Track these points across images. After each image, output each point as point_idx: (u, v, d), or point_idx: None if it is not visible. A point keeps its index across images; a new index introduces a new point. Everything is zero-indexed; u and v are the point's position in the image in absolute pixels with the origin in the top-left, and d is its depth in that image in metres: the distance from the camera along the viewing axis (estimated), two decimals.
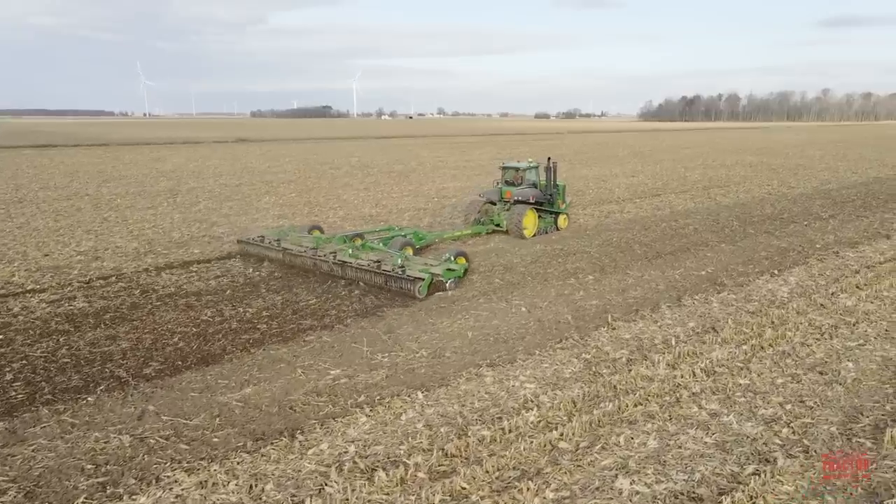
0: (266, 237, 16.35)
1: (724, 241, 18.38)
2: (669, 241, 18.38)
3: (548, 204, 19.76)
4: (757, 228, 20.43)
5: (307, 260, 14.73)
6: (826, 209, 24.46)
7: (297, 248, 15.20)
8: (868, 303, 12.22)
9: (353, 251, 14.40)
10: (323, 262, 14.33)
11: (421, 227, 19.93)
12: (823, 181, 34.51)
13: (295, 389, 8.57)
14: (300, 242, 15.56)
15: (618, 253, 16.89)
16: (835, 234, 19.29)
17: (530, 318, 11.48)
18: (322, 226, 18.77)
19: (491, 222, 19.61)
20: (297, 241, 15.73)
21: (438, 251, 16.62)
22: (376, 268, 13.27)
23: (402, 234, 16.85)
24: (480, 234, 19.18)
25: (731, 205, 25.84)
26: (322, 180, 34.30)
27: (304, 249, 15.05)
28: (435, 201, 26.89)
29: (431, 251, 17.07)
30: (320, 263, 14.42)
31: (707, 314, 11.68)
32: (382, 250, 14.69)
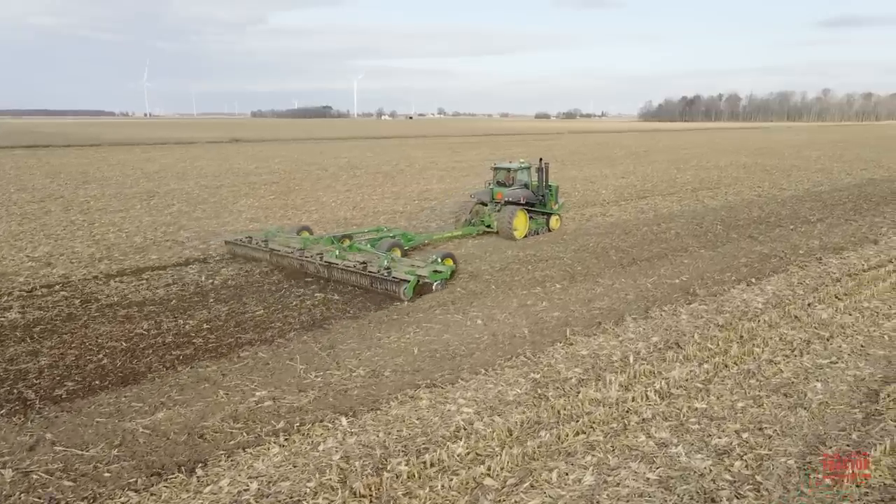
0: (254, 238, 16.12)
1: (704, 247, 17.64)
2: (648, 247, 17.64)
3: (539, 205, 19.49)
4: (741, 233, 19.69)
5: (294, 261, 14.56)
6: (815, 212, 23.71)
7: (285, 249, 14.98)
8: (846, 315, 11.49)
9: (340, 252, 14.14)
10: (309, 263, 14.17)
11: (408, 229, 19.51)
12: (816, 183, 33.74)
13: (212, 414, 7.86)
14: (288, 243, 15.32)
15: (592, 259, 16.17)
16: (820, 239, 18.54)
17: (485, 332, 10.77)
18: (311, 226, 18.35)
19: (482, 223, 19.33)
20: (285, 241, 15.49)
21: (430, 253, 15.89)
22: (362, 269, 13.08)
23: (391, 236, 16.61)
24: (471, 236, 18.92)
25: (717, 207, 25.10)
26: (305, 182, 33.61)
27: (291, 250, 14.84)
28: (415, 204, 26.18)
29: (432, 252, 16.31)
30: (307, 264, 14.25)
31: (673, 327, 10.95)
32: (370, 251, 14.51)
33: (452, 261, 14.28)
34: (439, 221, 22.00)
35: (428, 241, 17.93)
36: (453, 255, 14.73)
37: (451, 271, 13.81)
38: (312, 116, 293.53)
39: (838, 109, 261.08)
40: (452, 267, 14.04)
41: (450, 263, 14.02)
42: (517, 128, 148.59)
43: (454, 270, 14.10)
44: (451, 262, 14.14)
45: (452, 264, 14.15)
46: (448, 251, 15.51)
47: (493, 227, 19.00)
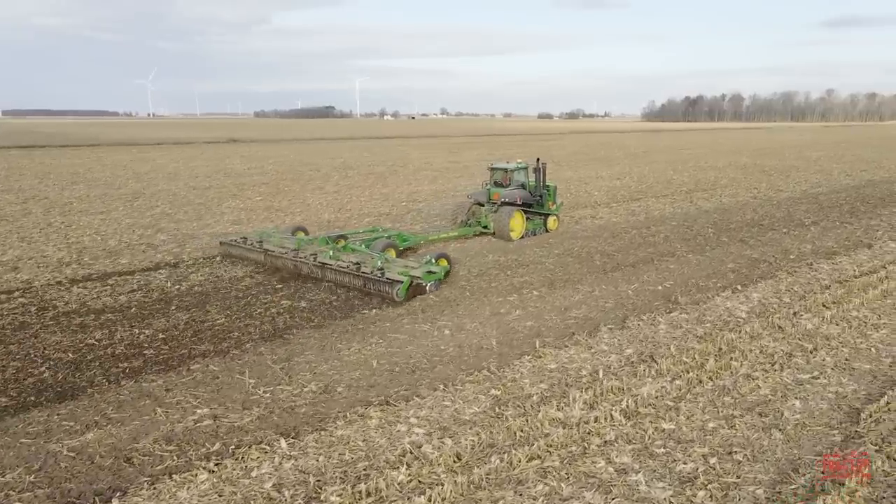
0: (248, 238, 16.05)
1: (693, 251, 17.09)
2: (635, 251, 17.09)
3: (537, 205, 19.29)
4: (732, 236, 19.11)
5: (288, 261, 14.47)
6: (810, 215, 23.11)
7: (279, 250, 14.90)
8: (832, 325, 10.93)
9: (333, 253, 14.07)
10: (303, 263, 14.07)
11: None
12: (814, 184, 33.12)
13: (146, 434, 7.35)
14: (282, 244, 15.25)
15: (575, 264, 15.62)
16: (813, 244, 17.97)
17: (451, 344, 10.24)
18: (305, 227, 18.27)
19: (478, 224, 19.24)
20: (280, 242, 15.41)
21: (424, 254, 15.40)
22: (356, 270, 13.02)
23: (386, 236, 16.52)
24: (467, 236, 18.85)
25: (711, 210, 24.52)
26: (296, 183, 33.11)
27: (285, 251, 14.76)
28: (402, 206, 25.66)
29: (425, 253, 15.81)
30: (301, 265, 14.16)
31: (650, 338, 10.40)
32: (364, 252, 14.45)
33: (447, 261, 14.18)
34: (424, 224, 21.49)
35: (424, 241, 17.71)
36: (448, 255, 14.61)
37: (445, 272, 13.65)
38: (315, 117, 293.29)
39: (842, 110, 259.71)
40: (447, 268, 13.91)
41: (444, 264, 13.92)
42: (519, 128, 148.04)
43: (448, 271, 13.97)
44: (445, 262, 14.04)
45: (447, 265, 14.03)
46: (442, 252, 15.41)
47: (489, 227, 18.80)
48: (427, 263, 13.45)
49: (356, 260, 13.54)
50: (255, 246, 15.39)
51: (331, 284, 13.55)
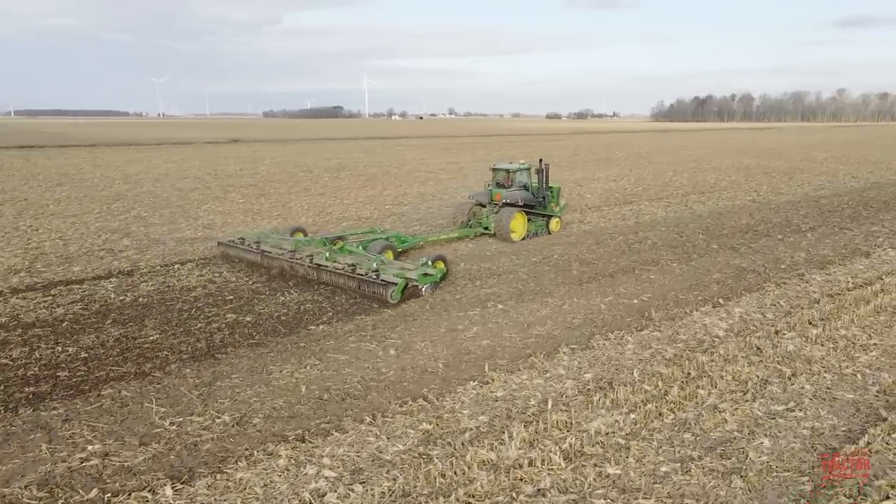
0: (246, 239, 15.85)
1: (678, 259, 16.09)
2: (616, 259, 16.11)
3: (540, 207, 19.07)
4: (723, 243, 18.09)
5: (284, 263, 14.33)
6: (809, 220, 22.03)
7: (276, 251, 14.76)
8: (817, 346, 9.93)
9: (330, 254, 13.89)
10: (299, 265, 13.91)
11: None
12: (817, 187, 31.95)
13: (21, 476, 6.50)
14: (280, 245, 15.12)
15: (550, 274, 14.67)
16: (808, 252, 16.92)
17: (393, 366, 9.32)
18: (305, 228, 18.09)
19: (479, 225, 19.03)
20: (278, 243, 15.31)
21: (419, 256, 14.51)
22: (351, 272, 12.86)
23: (384, 237, 16.33)
24: (468, 238, 18.65)
25: (705, 214, 23.47)
26: (283, 185, 32.29)
27: (282, 252, 14.59)
28: (385, 209, 24.77)
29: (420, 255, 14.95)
30: (297, 266, 13.99)
31: (613, 361, 9.45)
32: (360, 254, 14.24)
33: (444, 263, 14.17)
34: (403, 228, 20.56)
35: (423, 243, 17.49)
36: (444, 257, 14.61)
37: (441, 274, 13.48)
38: (323, 117, 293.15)
39: (853, 110, 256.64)
40: (443, 270, 13.81)
41: (441, 266, 13.87)
42: (525, 128, 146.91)
43: (445, 273, 13.85)
44: (441, 264, 13.99)
45: (443, 267, 14.00)
46: (439, 253, 15.13)
47: (490, 229, 18.56)
48: (423, 265, 13.22)
49: (352, 261, 13.27)
50: (251, 247, 15.19)
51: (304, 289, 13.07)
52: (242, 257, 15.52)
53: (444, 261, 14.33)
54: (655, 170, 41.42)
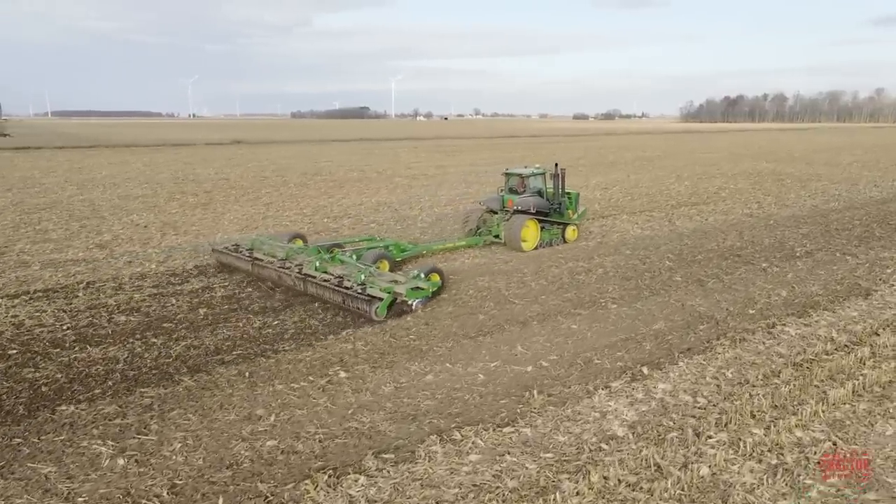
0: (240, 246, 15.01)
1: (623, 299, 12.77)
2: (545, 297, 12.86)
3: (555, 214, 17.94)
4: (690, 274, 14.67)
5: (272, 272, 13.36)
6: (807, 241, 18.40)
7: (268, 259, 13.81)
8: (749, 463, 6.61)
9: (320, 264, 12.90)
10: (287, 274, 12.91)
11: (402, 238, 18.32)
12: (831, 197, 28.03)
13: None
14: (273, 252, 14.16)
15: (445, 321, 11.48)
16: (792, 288, 13.43)
17: (277, 435, 6.25)
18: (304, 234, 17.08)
19: (489, 233, 17.89)
20: (271, 250, 14.32)
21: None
22: (337, 284, 11.80)
23: (382, 246, 15.41)
24: (477, 246, 17.43)
25: (686, 232, 19.95)
26: (237, 192, 29.58)
27: (273, 260, 13.63)
28: (324, 223, 21.77)
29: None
30: (284, 276, 13.01)
31: (420, 498, 6.22)
32: (353, 264, 13.03)
33: (440, 276, 12.96)
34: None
35: (426, 251, 16.46)
36: (441, 269, 13.37)
37: (435, 288, 12.45)
38: (350, 117, 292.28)
39: (892, 110, 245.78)
40: (438, 283, 12.70)
41: (436, 279, 12.75)
42: (545, 129, 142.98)
43: (440, 287, 12.72)
44: (437, 277, 12.86)
45: (439, 280, 12.82)
46: (435, 265, 13.97)
47: (501, 237, 17.38)
48: (415, 278, 12.15)
49: (342, 273, 12.28)
50: (244, 254, 14.32)
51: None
52: (235, 265, 14.63)
53: (440, 273, 13.02)
54: (657, 176, 37.75)
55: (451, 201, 26.75)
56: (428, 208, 24.80)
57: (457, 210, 24.42)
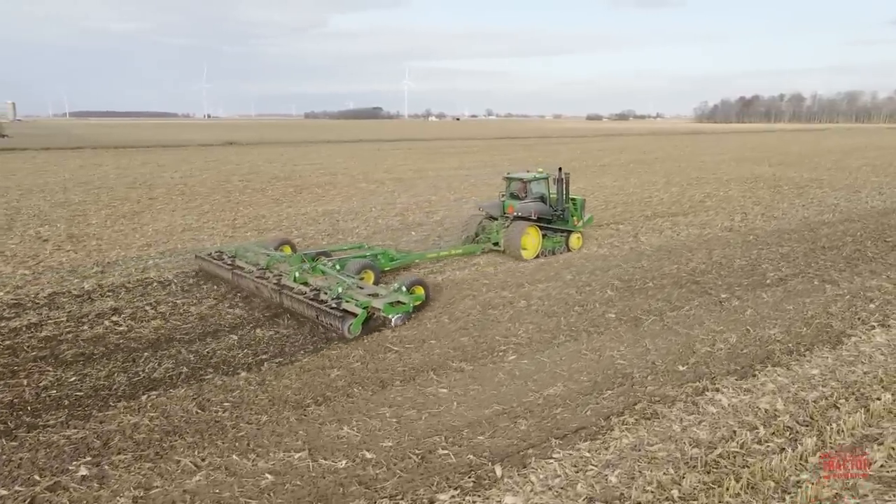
0: (224, 253, 14.09)
1: (533, 343, 10.30)
2: (438, 341, 10.38)
3: (559, 221, 16.87)
4: (628, 308, 12.07)
5: (251, 282, 12.40)
6: (785, 263, 15.67)
7: (248, 268, 12.90)
8: None
9: (300, 275, 12.18)
10: (264, 285, 11.94)
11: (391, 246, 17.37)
12: (827, 207, 25.09)
13: None
14: (256, 261, 13.24)
15: (250, 413, 8.93)
16: (746, 331, 10.77)
17: None
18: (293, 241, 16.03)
19: (488, 240, 16.81)
20: (254, 259, 13.43)
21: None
22: (314, 297, 10.91)
23: (371, 254, 14.41)
24: (475, 254, 16.48)
25: (649, 251, 17.27)
26: (193, 197, 27.22)
27: (252, 270, 12.71)
28: (246, 236, 19.29)
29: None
30: (262, 287, 12.05)
31: None
32: (333, 275, 12.19)
33: (423, 289, 12.03)
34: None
35: (419, 260, 15.43)
36: (425, 281, 12.41)
37: (417, 302, 11.53)
38: (363, 118, 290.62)
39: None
40: (420, 297, 11.82)
41: (419, 293, 11.87)
42: (555, 129, 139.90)
43: (423, 301, 11.83)
44: (421, 290, 11.96)
45: (422, 293, 11.91)
46: (419, 277, 13.06)
47: (500, 244, 16.35)
48: (396, 292, 11.26)
49: (321, 285, 11.48)
50: (226, 262, 13.39)
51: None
52: (217, 274, 13.67)
53: (424, 286, 12.09)
54: (646, 181, 34.94)
55: (405, 209, 24.30)
56: (373, 219, 22.34)
57: (405, 221, 21.95)
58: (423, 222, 21.81)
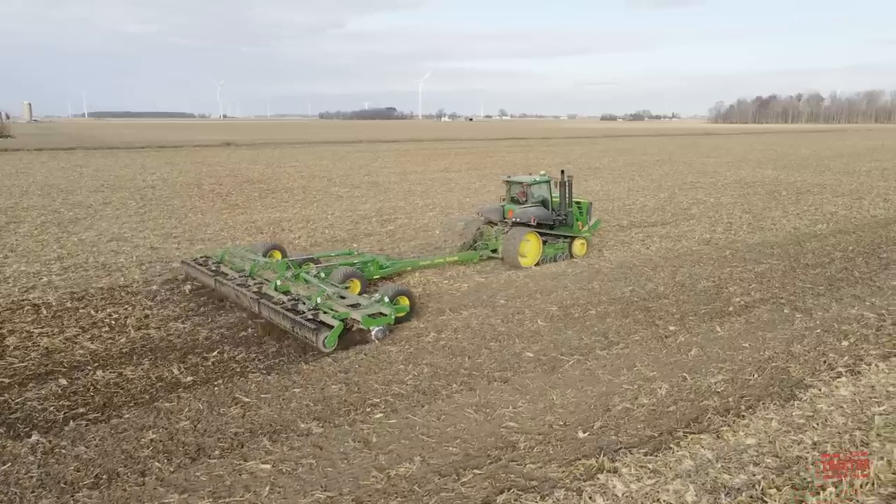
0: (210, 259, 13.60)
1: (409, 397, 8.35)
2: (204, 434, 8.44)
3: (562, 226, 16.07)
4: (551, 345, 10.23)
5: (230, 291, 11.73)
6: (757, 285, 13.70)
7: (232, 274, 12.37)
8: None
9: (281, 283, 11.50)
10: (243, 294, 11.25)
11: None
12: (822, 216, 22.90)
13: None
14: (242, 267, 12.71)
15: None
16: (682, 379, 8.84)
17: None
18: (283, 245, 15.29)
19: (486, 247, 16.02)
20: (240, 265, 12.88)
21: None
22: (292, 307, 10.27)
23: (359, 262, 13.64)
24: (473, 262, 15.64)
25: (606, 269, 15.33)
26: (146, 202, 25.65)
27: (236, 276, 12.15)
28: (176, 253, 17.58)
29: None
30: (242, 296, 11.35)
31: None
32: (315, 283, 11.57)
33: (409, 299, 11.36)
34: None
35: (412, 268, 14.58)
36: (410, 292, 11.70)
37: (403, 313, 10.93)
38: (377, 118, 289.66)
39: None
40: (404, 308, 11.11)
41: (404, 303, 11.21)
42: (565, 130, 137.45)
43: (407, 312, 11.11)
44: (405, 300, 11.28)
45: (406, 304, 11.23)
46: (404, 287, 12.40)
47: (499, 251, 15.54)
48: (377, 302, 10.56)
49: (305, 293, 10.98)
50: (211, 268, 12.79)
51: None
52: (201, 280, 12.93)
53: (409, 296, 11.40)
54: (636, 185, 32.86)
55: (363, 217, 22.51)
56: (320, 229, 20.59)
57: (355, 231, 20.16)
58: (374, 232, 19.98)
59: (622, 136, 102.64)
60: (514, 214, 15.40)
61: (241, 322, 11.35)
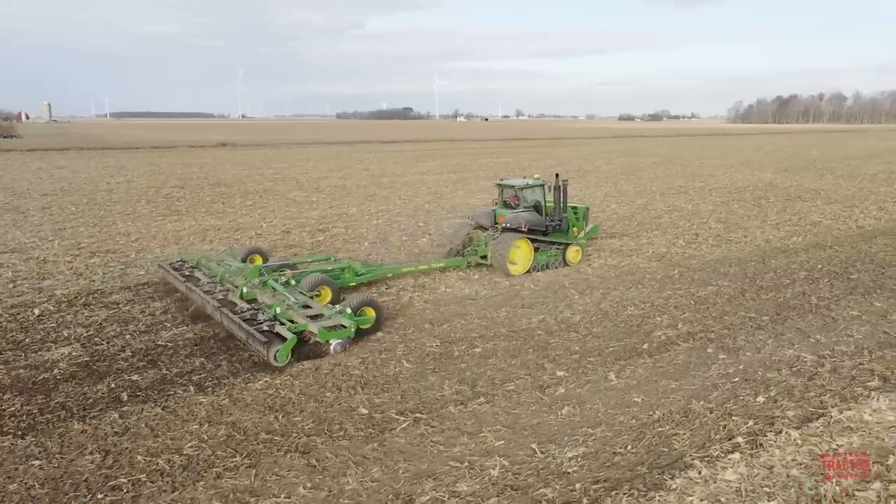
0: (186, 263, 13.27)
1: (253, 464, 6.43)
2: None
3: (555, 232, 15.29)
4: (399, 397, 8.45)
5: (198, 297, 11.02)
6: (691, 314, 11.80)
7: (203, 280, 11.87)
8: None
9: (248, 290, 10.82)
10: (208, 301, 10.52)
11: None
12: (804, 227, 20.70)
13: None
14: (215, 272, 12.18)
15: None
16: (533, 451, 6.83)
17: None
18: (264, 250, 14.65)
19: (475, 253, 15.14)
20: (214, 270, 12.40)
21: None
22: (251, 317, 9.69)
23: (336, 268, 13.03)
24: (460, 268, 14.88)
25: (526, 292, 13.36)
26: (99, 206, 24.21)
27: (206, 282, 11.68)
28: (107, 261, 15.97)
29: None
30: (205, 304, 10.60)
31: None
32: (280, 291, 10.81)
33: (374, 311, 10.50)
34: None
35: (392, 274, 13.97)
36: (376, 302, 10.81)
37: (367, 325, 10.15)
38: (393, 118, 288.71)
39: None
40: (369, 320, 10.28)
41: (370, 314, 10.37)
42: (577, 130, 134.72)
43: (371, 325, 10.27)
44: (371, 312, 10.43)
45: (372, 316, 10.38)
46: (370, 297, 11.29)
47: (488, 258, 14.62)
48: (339, 314, 9.80)
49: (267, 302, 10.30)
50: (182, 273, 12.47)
51: None
52: (174, 285, 12.38)
53: (375, 307, 10.65)
54: (618, 190, 30.76)
55: (301, 226, 20.78)
56: (249, 238, 18.88)
57: (285, 241, 18.39)
58: (298, 244, 18.21)
59: (637, 137, 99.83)
60: (505, 219, 14.60)
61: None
